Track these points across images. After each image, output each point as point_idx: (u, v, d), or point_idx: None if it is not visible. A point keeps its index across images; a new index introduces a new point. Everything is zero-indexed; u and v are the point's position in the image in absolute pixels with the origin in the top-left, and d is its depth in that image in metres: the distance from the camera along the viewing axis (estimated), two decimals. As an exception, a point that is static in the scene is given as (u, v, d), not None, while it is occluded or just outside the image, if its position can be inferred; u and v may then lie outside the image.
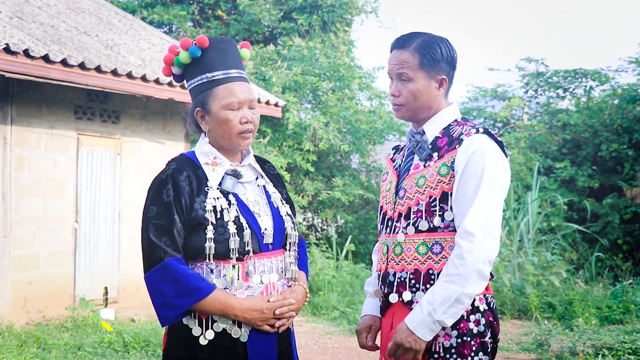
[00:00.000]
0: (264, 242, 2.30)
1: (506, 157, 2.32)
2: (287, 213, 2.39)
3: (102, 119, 7.80)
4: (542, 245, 9.40)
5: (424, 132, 2.35)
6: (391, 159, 2.51)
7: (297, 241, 2.41)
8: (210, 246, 2.22)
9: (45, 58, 6.39)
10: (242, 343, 2.25)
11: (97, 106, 7.75)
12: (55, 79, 6.61)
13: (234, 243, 2.22)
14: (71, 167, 7.43)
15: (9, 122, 6.82)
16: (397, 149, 2.55)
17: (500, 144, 2.30)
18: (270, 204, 2.37)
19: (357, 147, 11.55)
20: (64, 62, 6.57)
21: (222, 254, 2.23)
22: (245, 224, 2.26)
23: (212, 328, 2.24)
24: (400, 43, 2.35)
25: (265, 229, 2.31)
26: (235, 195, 2.31)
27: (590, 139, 11.30)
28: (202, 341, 2.23)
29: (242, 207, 2.30)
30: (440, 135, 2.32)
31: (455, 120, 2.35)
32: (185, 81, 2.42)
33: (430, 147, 2.31)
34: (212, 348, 2.23)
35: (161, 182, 2.27)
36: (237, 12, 13.88)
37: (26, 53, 6.21)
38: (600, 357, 5.65)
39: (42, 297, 7.03)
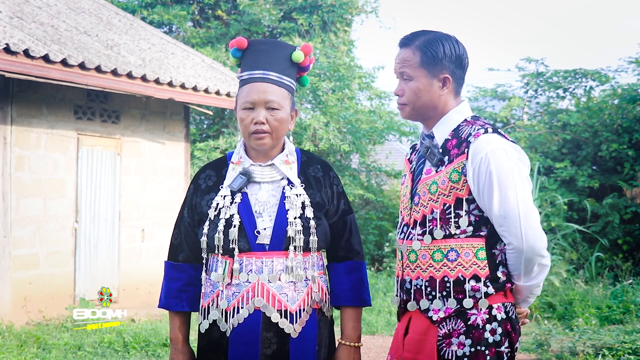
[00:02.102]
0: (257, 242, 2.28)
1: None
2: (299, 216, 2.29)
3: (102, 119, 7.80)
4: (542, 245, 9.37)
5: (433, 135, 2.29)
6: (408, 159, 2.43)
7: (304, 245, 2.30)
8: (203, 240, 2.34)
9: (45, 58, 6.39)
10: (227, 337, 2.29)
11: (97, 106, 7.75)
12: (55, 79, 6.61)
13: (217, 240, 2.29)
14: (71, 167, 7.43)
15: (9, 122, 6.82)
16: (414, 148, 2.46)
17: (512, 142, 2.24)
18: (281, 205, 2.31)
19: (357, 147, 11.54)
20: (64, 62, 6.57)
21: (212, 249, 2.33)
22: (236, 222, 2.28)
23: (207, 318, 2.33)
24: (404, 41, 2.30)
25: (264, 229, 2.29)
26: (244, 194, 2.33)
27: (590, 139, 11.29)
28: (202, 329, 2.35)
29: (245, 206, 2.31)
30: (449, 137, 2.25)
31: (465, 119, 2.28)
32: None
33: (440, 151, 2.25)
34: (206, 337, 2.33)
35: (191, 181, 2.47)
36: (237, 12, 13.88)
37: (26, 53, 6.21)
38: (600, 357, 5.64)
39: (42, 297, 7.03)
